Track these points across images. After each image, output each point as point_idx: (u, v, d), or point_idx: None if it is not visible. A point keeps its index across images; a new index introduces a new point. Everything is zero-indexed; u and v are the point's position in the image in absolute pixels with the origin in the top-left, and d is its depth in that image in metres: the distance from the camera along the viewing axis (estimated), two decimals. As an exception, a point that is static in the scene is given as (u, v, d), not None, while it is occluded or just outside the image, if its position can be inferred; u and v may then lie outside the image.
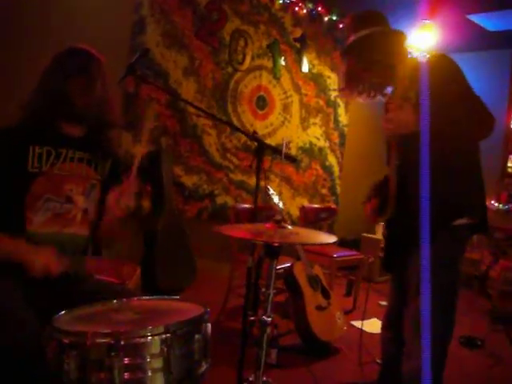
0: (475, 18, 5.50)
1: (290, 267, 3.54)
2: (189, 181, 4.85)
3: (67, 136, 1.92)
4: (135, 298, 1.70)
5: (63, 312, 1.52)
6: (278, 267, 3.67)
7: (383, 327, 2.38)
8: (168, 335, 1.39)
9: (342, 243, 5.93)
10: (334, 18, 5.60)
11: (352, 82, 2.16)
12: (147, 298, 1.75)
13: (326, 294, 3.59)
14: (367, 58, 2.08)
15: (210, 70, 4.87)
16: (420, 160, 1.77)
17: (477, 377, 3.19)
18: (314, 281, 3.58)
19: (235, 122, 5.08)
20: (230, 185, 5.10)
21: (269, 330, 1.85)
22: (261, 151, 2.41)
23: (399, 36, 2.14)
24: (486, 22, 5.57)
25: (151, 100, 4.52)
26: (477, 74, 2.05)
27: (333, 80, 5.87)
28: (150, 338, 1.38)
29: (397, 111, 2.00)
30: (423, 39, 5.51)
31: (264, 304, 1.86)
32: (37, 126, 1.86)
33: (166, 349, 1.39)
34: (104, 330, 1.39)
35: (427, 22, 5.30)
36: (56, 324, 1.41)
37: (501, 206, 5.70)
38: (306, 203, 5.58)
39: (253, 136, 2.43)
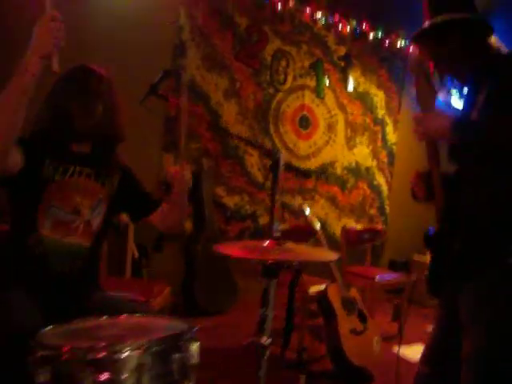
0: None
1: (324, 290, 3.43)
2: (231, 201, 4.85)
3: (74, 153, 1.98)
4: (124, 315, 1.68)
5: (51, 326, 1.53)
6: (313, 290, 3.61)
7: (421, 361, 1.98)
8: (143, 352, 1.36)
9: (391, 265, 5.73)
10: (380, 35, 5.49)
11: (417, 70, 1.90)
12: (139, 315, 1.72)
13: (362, 318, 3.45)
14: (437, 49, 1.82)
15: (252, 91, 4.89)
16: (474, 178, 1.67)
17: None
18: (349, 304, 3.45)
19: (277, 142, 5.05)
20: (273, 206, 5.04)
21: (268, 352, 1.77)
22: (276, 168, 2.35)
23: (482, 28, 1.81)
24: None
25: (193, 121, 4.57)
26: None
27: (379, 98, 5.73)
28: (125, 354, 1.36)
29: (429, 113, 1.79)
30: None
31: (263, 325, 1.79)
32: (45, 143, 1.92)
33: (141, 366, 1.36)
34: (81, 345, 1.39)
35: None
36: (38, 337, 1.42)
37: None
38: (352, 224, 5.43)
39: (267, 152, 2.39)
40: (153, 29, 4.34)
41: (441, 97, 6.25)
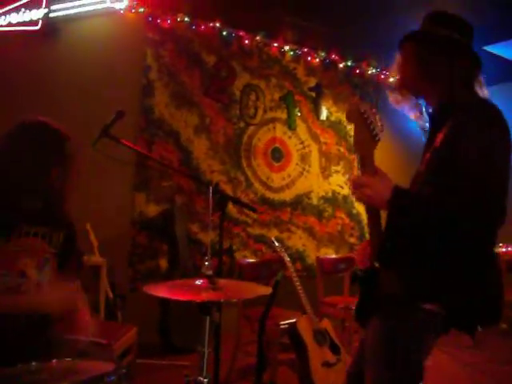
0: (493, 49, 5.29)
1: (294, 323, 3.38)
2: (206, 237, 4.81)
3: (24, 210, 1.92)
4: (55, 360, 1.64)
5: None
6: (283, 323, 3.56)
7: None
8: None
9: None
10: (349, 63, 5.56)
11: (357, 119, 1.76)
12: (68, 359, 1.68)
13: (335, 350, 3.38)
14: (429, 58, 1.70)
15: (222, 126, 4.91)
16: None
17: None
18: (320, 336, 3.39)
19: (250, 175, 5.05)
20: (248, 239, 5.02)
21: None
22: (224, 203, 2.35)
23: (473, 60, 1.71)
24: (505, 51, 5.34)
25: (163, 159, 4.57)
26: (505, 108, 1.69)
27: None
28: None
29: (377, 176, 1.69)
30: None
31: (200, 364, 1.75)
32: None
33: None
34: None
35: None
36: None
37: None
38: (331, 254, 5.39)
39: (214, 188, 2.37)
40: (120, 69, 4.39)
41: (416, 121, 6.26)
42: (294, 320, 3.44)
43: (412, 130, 6.21)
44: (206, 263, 1.78)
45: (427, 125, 1.84)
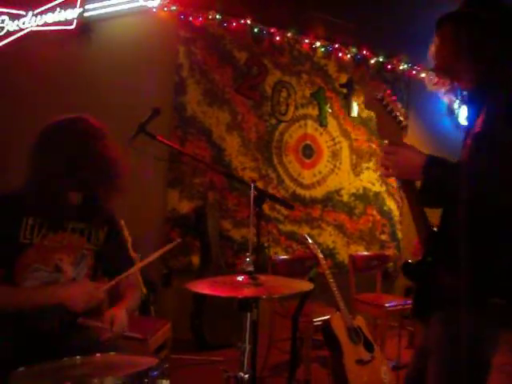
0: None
1: (328, 320, 3.37)
2: (237, 234, 4.83)
3: (63, 205, 1.94)
4: (99, 354, 1.67)
5: (22, 368, 1.52)
6: (316, 319, 3.55)
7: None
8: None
9: (407, 292, 5.60)
10: (381, 59, 5.51)
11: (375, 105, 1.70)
12: (112, 353, 1.71)
13: (369, 347, 3.37)
14: (468, 38, 1.65)
15: (253, 124, 4.92)
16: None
17: None
18: (354, 333, 3.37)
19: (281, 172, 5.05)
20: (279, 236, 5.02)
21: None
22: (260, 201, 2.35)
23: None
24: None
25: (197, 156, 4.60)
26: None
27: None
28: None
29: (401, 148, 1.59)
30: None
31: (241, 359, 1.77)
32: (34, 197, 1.88)
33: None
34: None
35: None
36: (9, 380, 1.43)
37: None
38: (361, 251, 5.36)
39: (246, 183, 2.38)
40: (153, 67, 4.44)
41: (445, 100, 6.10)
42: (327, 317, 3.43)
43: (444, 126, 6.13)
44: (247, 259, 1.79)
45: (459, 109, 1.78)
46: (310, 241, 3.73)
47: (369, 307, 4.14)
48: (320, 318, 3.53)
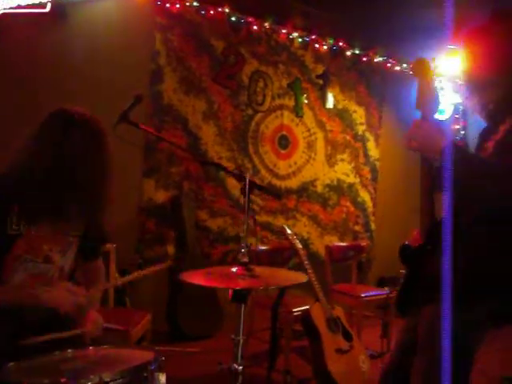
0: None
1: (308, 310, 3.39)
2: (214, 224, 4.81)
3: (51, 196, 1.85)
4: (92, 347, 1.64)
5: (13, 363, 1.48)
6: (295, 310, 3.57)
7: (384, 371, 1.98)
8: (104, 385, 1.33)
9: (380, 282, 5.70)
10: (357, 51, 5.53)
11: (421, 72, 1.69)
12: (106, 346, 1.68)
13: (347, 337, 3.41)
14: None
15: (230, 113, 4.89)
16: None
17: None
18: (333, 323, 3.41)
19: (257, 163, 5.04)
20: (255, 226, 5.00)
21: (240, 379, 1.73)
22: (249, 191, 2.33)
23: None
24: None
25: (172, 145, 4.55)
26: None
27: (359, 114, 5.76)
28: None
29: (429, 128, 1.58)
30: (450, 65, 5.37)
31: (234, 351, 1.76)
32: (20, 186, 1.82)
33: (102, 400, 1.32)
34: (43, 381, 1.35)
35: (453, 47, 5.14)
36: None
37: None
38: (335, 241, 5.41)
39: (240, 176, 2.36)
40: (129, 54, 4.35)
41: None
42: (307, 307, 3.45)
43: (418, 117, 6.22)
44: (242, 250, 1.77)
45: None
46: (289, 231, 3.73)
47: (345, 297, 4.18)
48: (299, 309, 3.55)
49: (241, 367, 1.73)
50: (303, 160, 5.37)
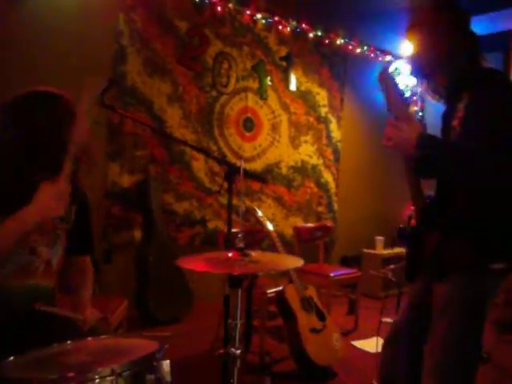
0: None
1: (282, 291, 3.44)
2: (180, 208, 4.78)
3: (32, 183, 1.78)
4: (90, 338, 1.62)
5: (11, 357, 1.44)
6: (270, 291, 3.61)
7: (386, 344, 2.09)
8: (115, 378, 1.31)
9: (343, 261, 5.83)
10: (320, 33, 5.56)
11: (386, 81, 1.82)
12: (104, 336, 1.66)
13: (321, 316, 3.48)
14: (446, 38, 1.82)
15: (194, 95, 4.83)
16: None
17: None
18: (307, 303, 3.47)
19: (222, 145, 5.01)
20: (220, 209, 5.02)
21: (238, 363, 1.75)
22: (232, 175, 2.34)
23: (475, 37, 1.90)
24: (474, 25, 5.51)
25: (137, 128, 4.48)
26: None
27: (322, 96, 5.80)
28: (97, 381, 1.31)
29: (402, 127, 1.71)
30: (409, 48, 5.46)
31: (232, 335, 1.77)
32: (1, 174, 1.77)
33: (115, 392, 1.31)
34: (50, 376, 1.32)
35: (412, 30, 5.23)
36: (0, 370, 1.34)
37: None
38: (300, 222, 5.47)
39: (222, 160, 2.36)
40: (91, 33, 4.22)
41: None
42: (280, 288, 3.50)
43: (378, 100, 6.33)
44: (239, 235, 1.78)
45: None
46: (260, 213, 3.76)
47: (314, 277, 4.25)
48: (273, 290, 3.59)
49: (239, 351, 1.74)
50: (268, 142, 5.38)
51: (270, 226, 3.66)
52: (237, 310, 1.77)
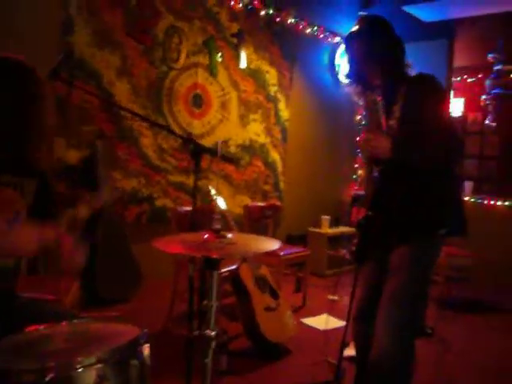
0: (410, 9, 5.58)
1: (236, 270, 3.45)
2: (127, 185, 4.67)
3: None
4: (64, 323, 1.57)
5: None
6: (224, 270, 3.62)
7: (356, 321, 2.37)
8: (101, 365, 1.29)
9: (288, 239, 5.91)
10: (271, 11, 5.52)
11: (352, 69, 2.22)
12: (78, 321, 1.61)
13: (274, 295, 3.53)
14: (374, 45, 2.14)
15: (144, 69, 4.70)
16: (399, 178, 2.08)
17: (430, 365, 3.21)
18: (261, 282, 3.51)
19: (171, 122, 4.92)
20: (168, 187, 4.95)
21: (213, 344, 1.75)
22: (198, 154, 2.29)
23: (399, 42, 2.20)
24: (421, 12, 5.69)
25: (85, 103, 4.31)
26: (414, 65, 2.21)
27: (272, 75, 5.80)
28: (81, 370, 1.27)
29: (378, 135, 2.09)
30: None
31: (207, 316, 1.77)
32: None
33: (99, 380, 1.28)
34: (30, 366, 1.26)
35: (363, 13, 5.31)
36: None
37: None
38: (247, 201, 5.49)
39: (188, 139, 2.31)
40: (38, 1, 4.00)
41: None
42: (234, 267, 3.51)
43: (326, 80, 6.41)
44: (216, 216, 1.76)
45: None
46: (214, 192, 3.73)
47: (264, 256, 4.26)
48: (227, 269, 3.60)
49: (214, 332, 1.74)
50: (217, 120, 5.33)
51: (223, 206, 3.64)
52: (212, 291, 1.76)
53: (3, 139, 1.76)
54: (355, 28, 2.21)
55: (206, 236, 1.77)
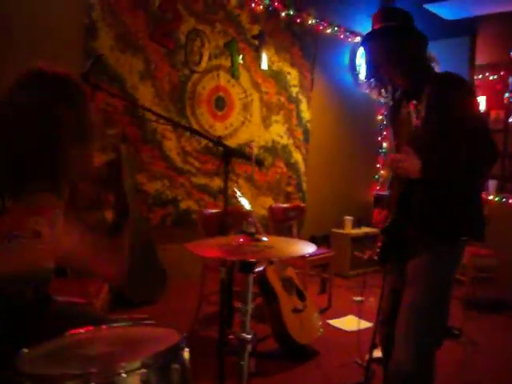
0: (432, 8, 5.54)
1: (263, 271, 3.45)
2: (151, 188, 4.70)
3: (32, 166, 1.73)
4: (105, 327, 1.58)
5: (25, 350, 1.38)
6: (251, 272, 3.62)
7: (381, 324, 2.36)
8: (145, 370, 1.28)
9: (312, 240, 5.88)
10: (292, 12, 5.52)
11: (373, 70, 2.16)
12: (117, 324, 1.62)
13: (301, 296, 3.53)
14: (393, 47, 2.07)
15: (167, 73, 4.73)
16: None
17: (458, 366, 3.18)
18: (288, 283, 3.51)
19: (194, 124, 4.94)
20: (192, 189, 4.97)
21: (250, 347, 1.76)
22: (228, 157, 2.30)
23: (424, 40, 2.11)
24: (443, 10, 5.64)
25: (108, 106, 4.35)
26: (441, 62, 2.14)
27: (293, 76, 5.79)
28: (125, 375, 1.27)
29: (409, 156, 1.98)
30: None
31: (242, 320, 1.77)
32: None
33: (143, 384, 1.28)
34: (73, 371, 1.25)
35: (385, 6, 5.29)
36: (18, 366, 1.26)
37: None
38: (270, 202, 5.48)
39: (219, 142, 2.32)
40: (62, 7, 4.05)
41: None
42: (261, 269, 3.51)
43: (346, 81, 6.38)
44: (250, 219, 1.76)
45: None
46: (239, 194, 3.74)
47: (290, 258, 4.27)
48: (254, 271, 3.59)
49: (249, 336, 1.74)
50: (239, 122, 5.34)
51: (249, 207, 3.64)
52: (248, 295, 1.77)
53: (49, 150, 1.77)
54: (381, 24, 2.08)
55: (240, 240, 1.77)
